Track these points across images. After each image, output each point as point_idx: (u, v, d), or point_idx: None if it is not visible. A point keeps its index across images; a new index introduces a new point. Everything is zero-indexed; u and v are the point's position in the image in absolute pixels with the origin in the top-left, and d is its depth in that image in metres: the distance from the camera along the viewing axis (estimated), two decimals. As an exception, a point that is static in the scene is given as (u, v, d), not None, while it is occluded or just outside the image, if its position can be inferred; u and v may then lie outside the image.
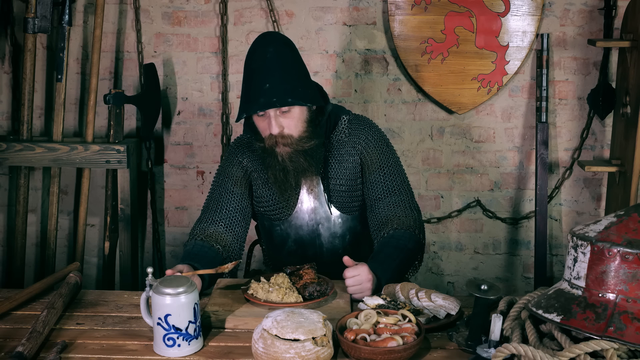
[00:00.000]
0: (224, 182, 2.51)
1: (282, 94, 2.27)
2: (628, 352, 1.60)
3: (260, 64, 2.30)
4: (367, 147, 2.48)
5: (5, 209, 3.69)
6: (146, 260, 3.74)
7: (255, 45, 2.36)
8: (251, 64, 2.34)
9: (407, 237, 2.38)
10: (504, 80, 3.48)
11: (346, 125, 2.49)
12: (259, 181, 2.51)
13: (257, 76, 2.30)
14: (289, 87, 2.29)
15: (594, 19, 3.45)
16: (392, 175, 2.49)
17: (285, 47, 2.36)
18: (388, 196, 2.46)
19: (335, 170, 2.48)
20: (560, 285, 1.73)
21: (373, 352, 1.78)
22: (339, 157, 2.47)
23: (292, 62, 2.35)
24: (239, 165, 2.52)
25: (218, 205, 2.48)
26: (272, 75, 2.29)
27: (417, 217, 2.47)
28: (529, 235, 3.64)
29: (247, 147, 2.53)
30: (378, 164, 2.48)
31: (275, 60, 2.30)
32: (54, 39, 3.53)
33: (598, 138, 3.55)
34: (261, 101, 2.27)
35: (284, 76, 2.30)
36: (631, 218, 1.66)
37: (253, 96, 2.29)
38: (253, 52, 2.35)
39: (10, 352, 1.87)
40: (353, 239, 2.55)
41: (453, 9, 3.42)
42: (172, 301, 1.86)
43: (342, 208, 2.51)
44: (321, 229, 2.52)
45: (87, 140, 3.42)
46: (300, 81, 2.35)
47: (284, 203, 2.49)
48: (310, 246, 2.53)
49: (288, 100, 2.28)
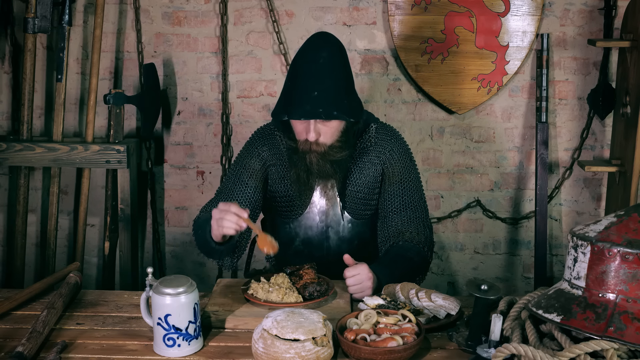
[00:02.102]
0: (239, 173, 2.49)
1: (328, 105, 2.24)
2: (628, 352, 1.60)
3: (310, 67, 2.27)
4: (391, 159, 2.46)
5: (5, 209, 3.69)
6: (146, 260, 3.74)
7: (308, 45, 2.33)
8: (302, 64, 2.30)
9: (414, 251, 2.38)
10: (504, 80, 3.48)
11: (374, 134, 2.47)
12: (275, 175, 2.49)
13: (305, 79, 2.27)
14: (337, 98, 2.26)
15: (594, 19, 3.45)
16: (411, 190, 2.47)
17: (338, 54, 2.32)
18: (403, 210, 2.45)
19: (355, 176, 2.46)
20: (560, 285, 1.73)
21: (373, 352, 1.78)
22: (361, 164, 2.46)
23: (342, 71, 2.32)
24: (258, 157, 2.49)
25: (230, 196, 2.46)
26: (321, 83, 2.25)
27: (428, 235, 2.46)
28: (529, 235, 3.64)
29: (270, 138, 2.50)
30: (399, 177, 2.47)
31: (326, 67, 2.27)
32: (54, 39, 3.53)
33: (598, 138, 3.55)
34: (307, 108, 2.24)
35: (333, 86, 2.27)
36: (631, 218, 1.66)
37: (298, 100, 2.26)
38: (305, 52, 2.32)
39: (10, 352, 1.87)
40: (360, 243, 2.54)
41: (453, 9, 3.42)
42: (172, 301, 1.86)
43: (355, 214, 2.50)
44: (330, 232, 2.51)
45: (87, 140, 3.42)
46: (347, 92, 2.32)
47: (297, 201, 2.48)
48: (317, 248, 2.52)
49: (334, 114, 2.25)
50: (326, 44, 2.32)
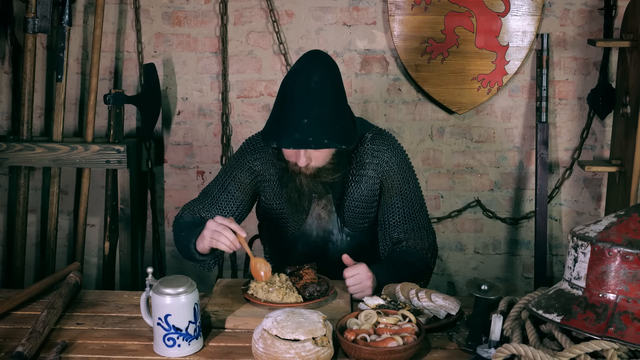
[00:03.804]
0: (226, 182, 2.44)
1: (318, 134, 2.17)
2: (628, 353, 1.60)
3: (301, 92, 2.19)
4: (389, 170, 2.40)
5: (5, 209, 3.69)
6: (146, 260, 3.74)
7: (299, 66, 2.24)
8: (292, 87, 2.21)
9: (417, 256, 2.37)
10: (504, 80, 3.48)
11: (369, 145, 2.39)
12: (269, 191, 2.44)
13: (295, 104, 2.19)
14: (327, 126, 2.19)
15: (594, 19, 3.45)
16: (411, 200, 2.43)
17: (330, 76, 2.23)
18: (405, 222, 2.41)
19: (352, 190, 2.40)
20: (560, 286, 1.73)
21: (373, 352, 1.78)
22: (358, 178, 2.39)
23: (334, 95, 2.23)
24: (249, 170, 2.43)
25: (214, 203, 2.43)
26: (311, 110, 2.17)
27: (432, 240, 2.44)
28: (529, 235, 3.64)
29: (262, 151, 2.43)
30: (398, 188, 2.41)
31: (318, 92, 2.18)
32: (54, 39, 3.53)
33: (598, 138, 3.55)
34: (296, 137, 2.16)
35: (324, 113, 2.18)
36: (631, 218, 1.66)
37: (287, 126, 2.19)
38: (295, 73, 2.23)
39: (10, 352, 1.87)
40: (360, 251, 2.45)
41: (453, 9, 3.42)
42: (172, 301, 1.86)
43: (353, 227, 2.45)
44: (329, 245, 2.47)
45: (87, 140, 3.42)
46: (339, 118, 2.24)
47: (293, 217, 2.43)
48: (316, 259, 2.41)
49: (324, 142, 2.18)
50: (318, 66, 2.22)
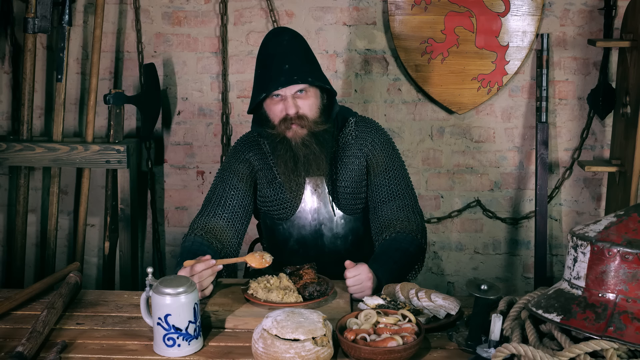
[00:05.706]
0: (228, 178, 2.50)
1: (302, 74, 2.32)
2: (628, 352, 1.60)
3: (277, 49, 2.36)
4: (373, 150, 2.49)
5: (5, 209, 3.69)
6: (146, 260, 3.74)
7: (269, 36, 2.43)
8: (267, 50, 2.39)
9: (408, 240, 2.39)
10: (504, 80, 3.48)
11: (353, 127, 2.51)
12: (264, 180, 2.51)
13: (275, 59, 2.34)
14: (308, 69, 2.35)
15: (594, 19, 3.45)
16: (397, 179, 2.50)
17: (299, 37, 2.43)
18: (392, 200, 2.47)
19: (341, 171, 2.48)
20: (560, 285, 1.73)
21: (373, 352, 1.78)
22: (345, 159, 2.48)
23: (307, 50, 2.42)
24: (246, 162, 2.52)
25: (221, 200, 2.47)
26: (290, 58, 2.33)
27: (419, 221, 2.47)
28: (529, 235, 3.64)
29: (254, 144, 2.54)
30: (383, 167, 2.49)
31: (292, 46, 2.37)
32: (54, 39, 3.53)
33: (598, 138, 3.55)
34: (282, 79, 2.30)
35: (302, 59, 2.36)
36: (631, 218, 1.66)
37: (271, 76, 2.32)
38: (267, 41, 2.41)
39: (10, 352, 1.87)
40: (355, 239, 2.55)
41: (453, 9, 3.42)
42: (172, 301, 1.86)
43: (346, 209, 2.51)
44: (324, 229, 2.52)
45: (87, 140, 3.43)
46: (317, 67, 2.41)
47: (288, 202, 2.50)
48: (312, 246, 2.53)
49: (309, 79, 2.32)
50: (286, 30, 2.45)
